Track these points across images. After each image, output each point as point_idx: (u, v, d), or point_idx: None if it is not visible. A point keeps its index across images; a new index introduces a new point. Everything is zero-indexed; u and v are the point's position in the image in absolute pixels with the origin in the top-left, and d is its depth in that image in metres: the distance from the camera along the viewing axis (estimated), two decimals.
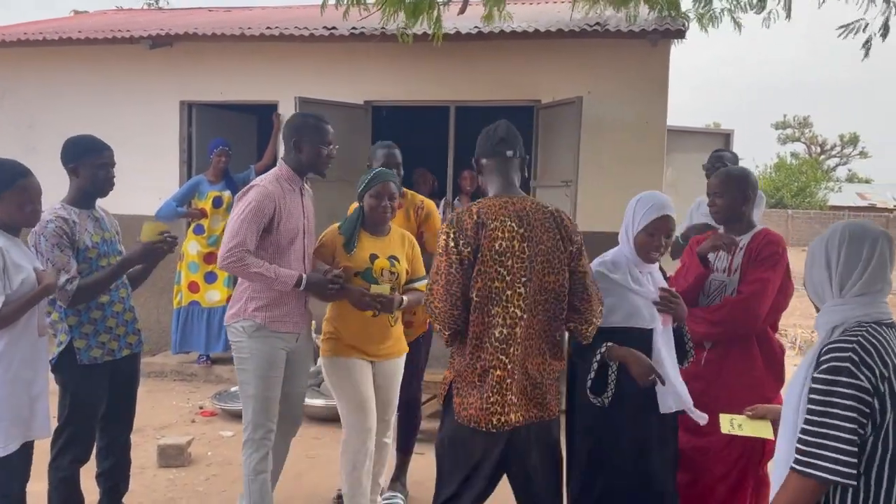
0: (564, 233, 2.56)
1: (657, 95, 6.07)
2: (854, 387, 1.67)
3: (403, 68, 6.37)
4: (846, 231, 1.84)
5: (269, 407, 3.17)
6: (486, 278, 2.48)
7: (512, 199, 2.57)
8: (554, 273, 2.53)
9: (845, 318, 1.79)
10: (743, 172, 3.25)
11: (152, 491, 4.00)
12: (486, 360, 2.51)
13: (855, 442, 1.66)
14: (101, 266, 3.04)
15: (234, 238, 3.02)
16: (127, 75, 6.96)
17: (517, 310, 2.48)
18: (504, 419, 2.51)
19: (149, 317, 6.69)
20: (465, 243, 2.49)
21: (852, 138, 43.40)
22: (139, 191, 6.17)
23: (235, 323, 3.16)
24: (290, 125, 3.25)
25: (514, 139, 2.71)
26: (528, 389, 2.55)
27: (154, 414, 5.32)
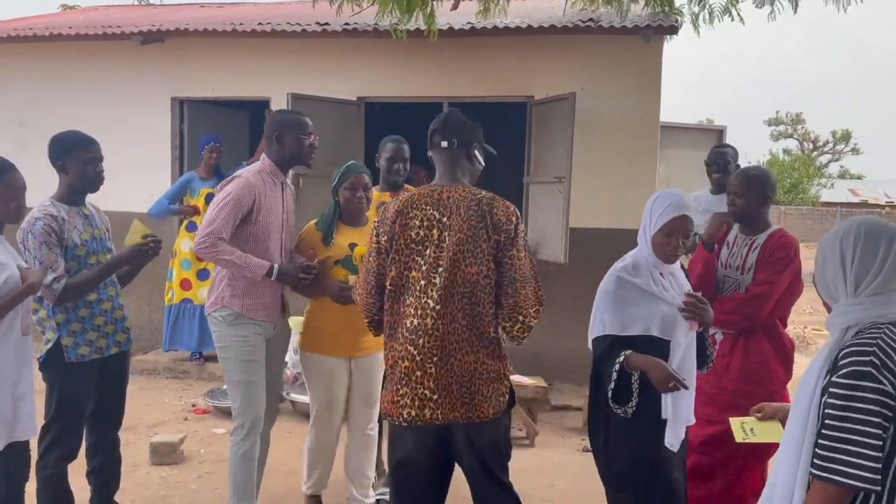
0: (489, 221, 2.43)
1: (650, 91, 6.07)
2: (877, 391, 1.62)
3: (396, 64, 6.35)
4: (861, 228, 1.78)
5: (256, 392, 3.24)
6: (400, 267, 2.46)
7: (440, 189, 2.50)
8: (475, 264, 2.41)
9: (860, 319, 1.74)
10: (763, 173, 3.35)
11: (145, 489, 3.99)
12: (397, 350, 2.47)
13: (879, 447, 1.62)
14: (89, 264, 3.02)
15: (210, 225, 3.11)
16: (118, 72, 6.92)
17: (430, 300, 2.42)
18: (416, 413, 2.44)
19: (141, 314, 6.66)
20: (383, 231, 2.50)
21: (844, 135, 43.55)
22: (131, 188, 6.14)
23: (214, 312, 3.24)
24: (271, 121, 3.35)
25: (451, 128, 2.58)
26: (454, 388, 2.43)
27: (146, 411, 5.31)
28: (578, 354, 6.20)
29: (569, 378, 6.17)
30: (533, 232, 6.16)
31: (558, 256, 5.75)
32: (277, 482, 4.10)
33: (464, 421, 2.45)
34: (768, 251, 3.17)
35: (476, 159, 2.62)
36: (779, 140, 45.24)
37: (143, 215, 5.66)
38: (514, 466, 4.44)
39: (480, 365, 2.45)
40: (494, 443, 2.54)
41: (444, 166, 2.58)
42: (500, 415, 2.51)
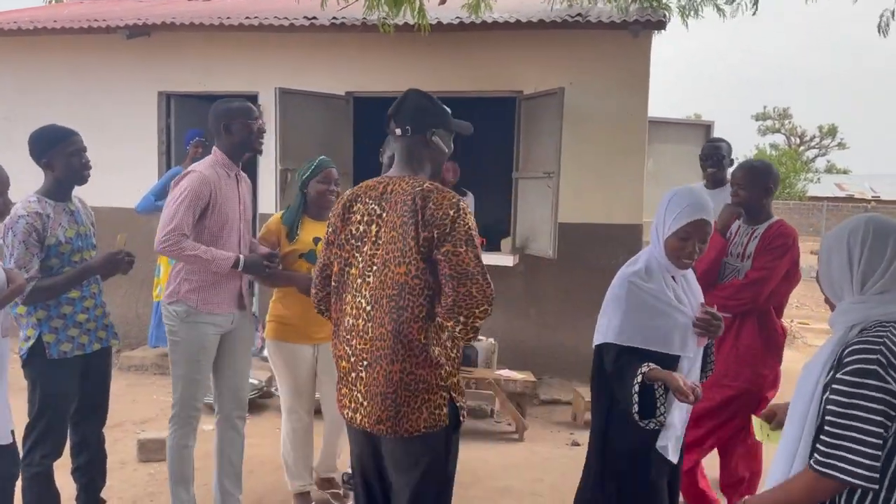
0: (420, 217, 2.20)
1: (638, 86, 6.08)
2: (882, 390, 1.63)
3: (385, 59, 6.33)
4: (870, 226, 1.77)
5: (197, 388, 3.29)
6: (341, 263, 2.37)
7: (387, 181, 2.34)
8: (403, 263, 2.22)
9: (866, 317, 1.74)
10: (766, 166, 3.47)
11: (132, 486, 3.98)
12: (338, 348, 2.39)
13: (879, 445, 1.63)
14: (73, 261, 3.00)
15: (170, 222, 3.08)
16: (104, 66, 6.87)
17: (363, 300, 2.29)
18: (351, 416, 2.36)
19: (129, 310, 6.63)
20: (331, 223, 2.42)
21: (831, 129, 43.79)
22: (117, 183, 6.11)
23: (170, 305, 3.24)
24: (215, 112, 3.28)
25: (406, 113, 2.38)
26: (379, 398, 2.25)
27: (134, 408, 5.28)
28: (567, 349, 6.23)
29: (558, 372, 6.19)
30: (522, 227, 6.17)
31: (547, 251, 5.76)
32: (265, 479, 4.10)
33: (389, 435, 2.26)
34: (768, 239, 3.32)
35: (436, 146, 2.39)
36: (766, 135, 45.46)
37: (130, 210, 5.65)
38: (504, 461, 4.51)
39: (407, 375, 2.24)
40: (423, 464, 2.28)
41: (399, 155, 2.40)
42: (433, 431, 2.26)
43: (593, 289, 6.07)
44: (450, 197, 2.24)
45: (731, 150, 4.54)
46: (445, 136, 2.43)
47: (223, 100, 3.36)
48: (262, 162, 6.52)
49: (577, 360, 6.04)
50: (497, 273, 4.68)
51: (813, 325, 9.73)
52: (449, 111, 2.44)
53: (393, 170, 2.41)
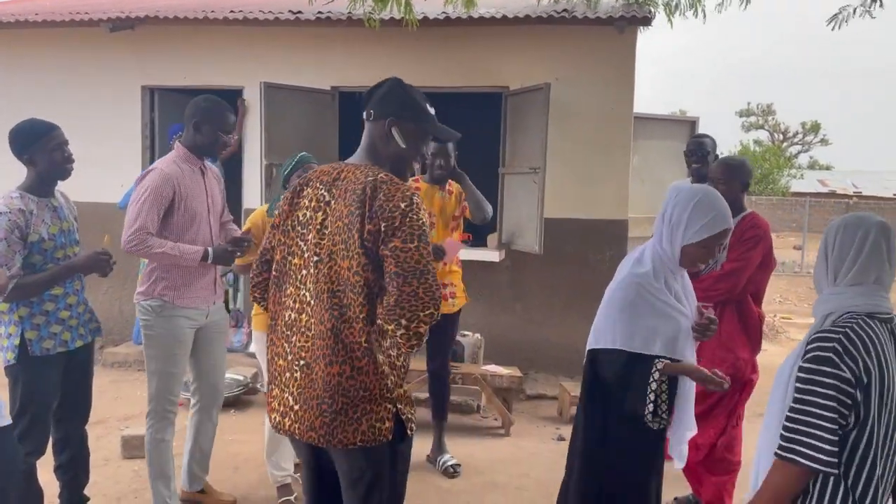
0: (368, 208, 2.01)
1: (624, 82, 6.09)
2: (835, 377, 1.68)
3: (371, 54, 6.30)
4: (844, 221, 1.87)
5: (172, 382, 3.33)
6: (284, 251, 2.18)
7: (343, 167, 2.17)
8: (347, 257, 2.03)
9: (838, 307, 1.80)
10: (742, 162, 3.69)
11: (116, 482, 3.95)
12: (275, 344, 2.19)
13: (835, 431, 1.68)
14: (56, 258, 2.97)
15: (134, 222, 3.12)
16: (87, 59, 6.79)
17: (307, 293, 2.10)
18: (279, 420, 2.15)
19: (111, 307, 6.58)
20: (279, 208, 2.25)
21: (814, 126, 44.12)
22: (100, 178, 6.05)
23: (144, 302, 3.26)
24: (194, 106, 3.29)
25: (373, 98, 2.21)
26: (314, 402, 2.05)
27: (117, 405, 5.25)
28: (553, 344, 6.25)
29: (543, 368, 6.21)
30: (508, 222, 6.17)
31: (533, 247, 5.77)
32: (249, 476, 4.09)
33: (322, 444, 2.07)
34: (741, 231, 3.46)
35: (394, 139, 2.17)
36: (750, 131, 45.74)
37: (113, 205, 5.60)
38: (490, 456, 4.51)
39: (347, 379, 2.02)
40: (368, 478, 2.09)
41: (364, 141, 2.24)
42: (372, 444, 2.04)
43: (579, 284, 6.13)
44: (403, 189, 2.04)
45: (715, 145, 4.56)
46: (413, 133, 2.19)
47: (206, 96, 3.37)
48: (247, 156, 6.49)
49: (563, 355, 6.07)
50: (483, 268, 4.69)
51: (795, 320, 9.82)
52: (430, 111, 2.24)
53: (353, 156, 2.24)
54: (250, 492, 3.89)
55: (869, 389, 1.69)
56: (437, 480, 4.17)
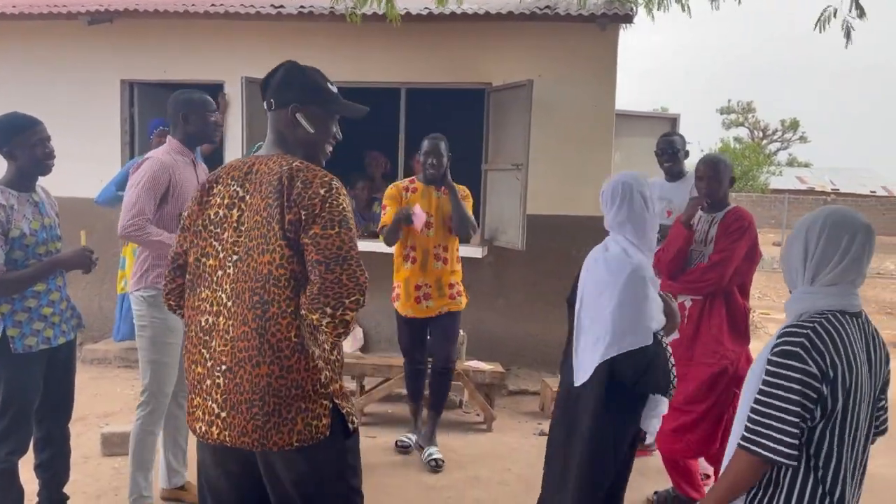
0: (286, 197, 1.93)
1: (606, 79, 6.12)
2: (802, 371, 1.70)
3: (353, 49, 6.28)
4: (828, 220, 1.81)
5: (167, 373, 3.35)
6: (197, 252, 2.06)
7: (255, 160, 2.06)
8: (267, 251, 1.94)
9: (812, 307, 1.79)
10: (725, 159, 3.82)
11: (96, 480, 3.92)
12: (191, 351, 2.05)
13: (797, 424, 1.70)
14: (38, 254, 2.94)
15: (133, 207, 3.16)
16: (65, 53, 6.71)
17: (223, 295, 1.99)
18: (206, 430, 2.00)
19: (91, 303, 6.52)
20: (187, 208, 2.13)
21: (793, 123, 44.58)
22: (79, 173, 5.96)
23: (136, 292, 3.28)
24: (176, 101, 3.36)
25: (271, 87, 2.11)
26: (243, 406, 1.94)
27: (97, 402, 5.20)
28: (536, 340, 6.27)
29: (526, 363, 6.23)
30: (491, 219, 6.18)
31: (516, 243, 5.79)
32: None
33: (256, 449, 1.96)
34: (726, 224, 3.62)
35: (301, 126, 2.09)
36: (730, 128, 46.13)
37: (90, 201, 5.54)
38: (472, 451, 4.53)
39: (277, 379, 1.93)
40: (305, 479, 2.00)
41: (270, 132, 2.13)
42: (310, 443, 1.97)
43: (562, 280, 6.12)
44: (321, 175, 1.97)
45: (685, 142, 4.62)
46: (320, 116, 2.11)
47: (182, 90, 3.43)
48: (228, 152, 6.44)
49: (545, 350, 6.09)
50: (466, 265, 4.70)
51: (774, 316, 9.92)
52: (333, 89, 2.14)
53: (263, 149, 2.15)
54: None
55: (835, 384, 1.71)
56: (419, 476, 4.18)
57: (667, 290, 3.71)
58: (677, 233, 3.73)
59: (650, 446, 4.46)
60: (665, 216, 4.43)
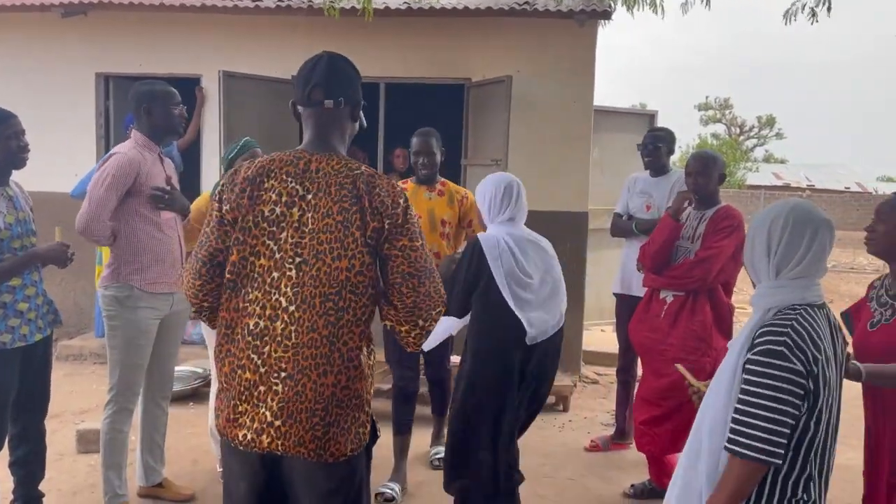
0: (368, 203, 1.90)
1: (584, 75, 6.15)
2: (788, 370, 1.70)
3: (332, 43, 6.13)
4: (790, 216, 1.83)
5: (135, 373, 3.32)
6: (245, 251, 1.93)
7: (309, 157, 1.97)
8: (345, 257, 1.89)
9: (782, 301, 1.82)
10: (717, 156, 3.81)
11: (72, 477, 3.88)
12: (236, 356, 1.94)
13: (786, 423, 1.70)
14: (13, 248, 2.90)
15: (91, 205, 3.11)
16: (38, 46, 6.60)
17: (283, 298, 1.89)
18: (253, 437, 1.91)
19: (66, 299, 6.43)
20: (227, 200, 1.96)
21: (769, 120, 45.07)
22: (54, 167, 5.89)
23: (108, 288, 3.24)
24: (137, 94, 3.33)
25: (337, 83, 2.03)
26: (304, 415, 1.88)
27: (72, 398, 5.15)
28: None
29: None
30: None
31: None
32: (208, 468, 4.05)
33: (313, 458, 1.91)
34: (715, 222, 3.60)
35: (361, 121, 2.12)
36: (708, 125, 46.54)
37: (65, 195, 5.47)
38: None
39: (342, 389, 1.91)
40: (340, 488, 1.99)
41: (320, 129, 2.03)
42: (358, 452, 1.98)
43: None
44: (396, 185, 1.98)
45: (672, 139, 4.55)
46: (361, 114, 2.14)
47: (144, 82, 3.41)
48: (205, 146, 6.39)
49: None
50: None
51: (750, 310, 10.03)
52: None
53: (307, 143, 2.04)
54: (210, 485, 3.85)
55: (818, 378, 1.73)
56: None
57: (650, 283, 3.74)
58: (664, 224, 3.72)
59: (628, 441, 4.50)
60: (644, 211, 4.46)
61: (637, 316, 3.83)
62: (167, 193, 3.30)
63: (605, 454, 4.55)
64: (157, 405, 3.59)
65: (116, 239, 3.20)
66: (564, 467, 4.33)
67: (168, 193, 3.31)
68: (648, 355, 3.72)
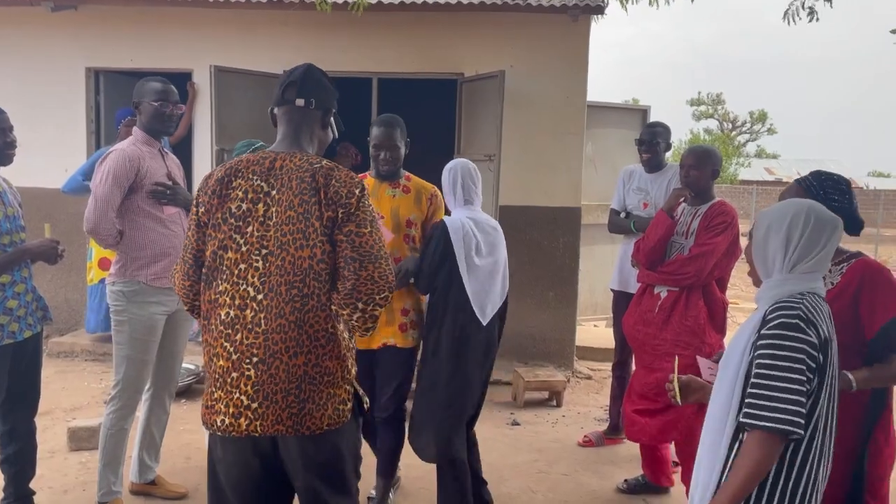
0: (324, 195, 2.02)
1: (577, 70, 6.14)
2: (804, 341, 1.76)
3: (324, 38, 6.22)
4: (811, 215, 1.90)
5: (143, 370, 3.32)
6: (215, 245, 2.06)
7: (275, 156, 2.11)
8: (306, 246, 2.01)
9: (791, 292, 1.87)
10: (713, 151, 3.84)
11: (63, 475, 3.86)
12: (211, 345, 2.07)
13: (803, 393, 1.73)
14: (2, 244, 2.89)
15: (97, 203, 3.12)
16: (28, 40, 6.54)
17: (250, 288, 2.02)
18: (230, 422, 2.02)
19: (57, 295, 6.40)
20: (201, 202, 2.11)
21: (761, 115, 45.20)
22: (44, 163, 5.87)
23: (115, 284, 3.25)
24: (135, 89, 3.35)
25: (312, 86, 2.20)
26: (279, 395, 2.01)
27: (64, 395, 5.12)
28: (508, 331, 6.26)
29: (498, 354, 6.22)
30: None
31: None
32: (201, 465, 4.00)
33: (290, 433, 2.03)
34: (709, 218, 3.59)
35: (331, 128, 2.29)
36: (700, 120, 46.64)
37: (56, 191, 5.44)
38: None
39: (312, 367, 2.03)
40: (331, 460, 2.12)
41: (290, 128, 2.19)
42: (337, 426, 2.09)
43: (533, 271, 6.18)
44: (353, 176, 2.09)
45: (668, 134, 4.54)
46: (336, 123, 2.32)
47: (145, 78, 3.38)
48: (197, 142, 6.36)
49: (517, 341, 6.12)
50: None
51: (742, 305, 10.06)
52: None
53: (278, 145, 2.19)
54: (202, 482, 3.82)
55: (827, 352, 1.79)
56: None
57: (644, 279, 3.74)
58: (659, 221, 3.70)
59: (621, 436, 4.51)
60: (641, 208, 4.44)
61: (630, 309, 3.83)
62: (169, 189, 3.30)
63: (599, 449, 4.56)
64: (161, 404, 3.58)
65: (122, 236, 3.21)
66: (558, 463, 4.33)
67: (170, 189, 3.31)
68: (642, 349, 3.72)
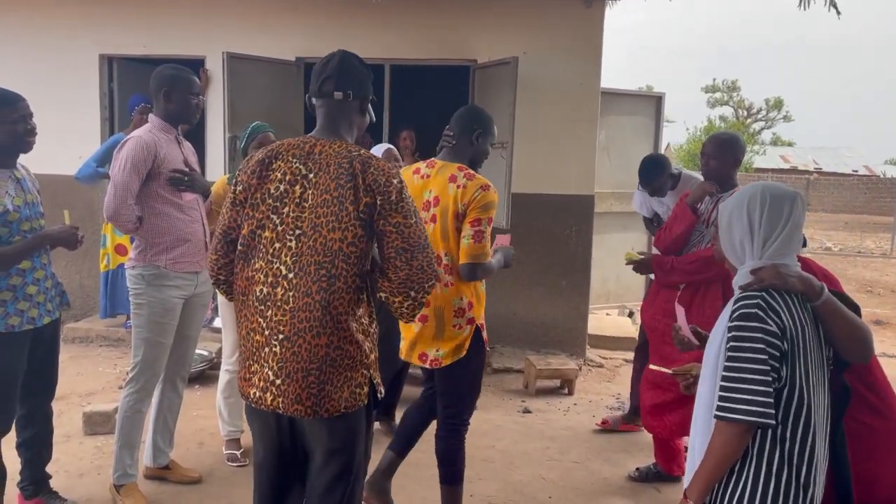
0: (361, 181, 2.07)
1: (591, 57, 6.09)
2: (763, 331, 1.77)
3: (336, 24, 6.20)
4: (766, 194, 1.92)
5: (159, 352, 3.35)
6: (253, 224, 2.13)
7: (314, 141, 2.17)
8: (338, 229, 2.06)
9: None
10: (734, 138, 3.70)
11: (79, 459, 3.90)
12: (249, 319, 2.15)
13: (769, 383, 1.75)
14: (22, 230, 2.90)
15: (117, 190, 3.15)
16: (41, 27, 6.56)
17: (283, 266, 2.08)
18: (259, 396, 2.12)
19: (72, 281, 6.45)
20: (241, 181, 2.17)
21: (777, 102, 44.75)
22: (58, 150, 5.88)
23: (135, 268, 3.29)
24: (160, 76, 3.32)
25: (347, 76, 2.23)
26: (299, 375, 2.07)
27: (79, 381, 5.17)
28: (520, 318, 6.29)
29: (510, 342, 6.25)
30: None
31: (501, 222, 5.78)
32: (214, 450, 4.07)
33: (308, 416, 2.09)
34: None
35: (369, 113, 2.33)
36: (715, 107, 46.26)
37: (70, 178, 5.47)
38: None
39: (334, 350, 2.08)
40: (345, 443, 2.17)
41: (329, 119, 2.24)
42: (353, 411, 2.14)
43: (546, 259, 6.17)
44: (391, 167, 2.15)
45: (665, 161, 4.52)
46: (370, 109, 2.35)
47: (168, 65, 3.37)
48: (210, 128, 6.37)
49: (529, 329, 6.12)
50: None
51: None
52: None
53: (317, 131, 2.24)
54: (216, 467, 3.87)
55: (793, 341, 1.78)
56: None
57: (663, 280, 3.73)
58: (681, 214, 3.68)
59: (638, 422, 4.50)
60: None
61: (649, 298, 3.84)
62: (186, 175, 3.33)
63: (610, 437, 4.56)
64: (173, 388, 3.61)
65: (142, 222, 3.24)
66: (569, 451, 4.34)
67: (187, 175, 3.34)
68: (662, 340, 3.70)
